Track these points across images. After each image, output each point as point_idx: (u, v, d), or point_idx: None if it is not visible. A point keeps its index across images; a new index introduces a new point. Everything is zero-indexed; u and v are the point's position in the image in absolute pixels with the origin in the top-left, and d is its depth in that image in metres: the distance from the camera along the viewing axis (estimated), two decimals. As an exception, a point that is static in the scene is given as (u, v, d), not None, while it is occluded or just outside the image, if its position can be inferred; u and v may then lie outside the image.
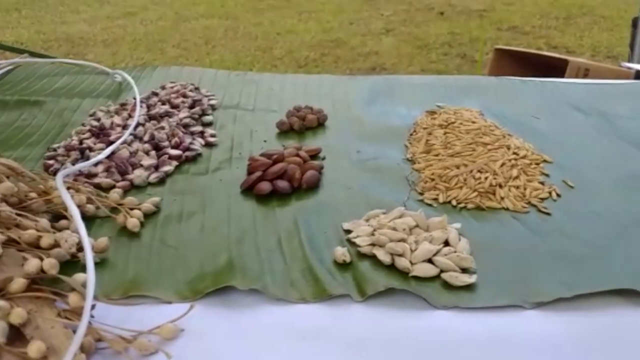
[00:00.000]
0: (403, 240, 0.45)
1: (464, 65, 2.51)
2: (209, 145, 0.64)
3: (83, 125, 0.67)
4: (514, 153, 0.58)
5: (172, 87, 0.76)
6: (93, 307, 0.37)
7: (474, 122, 0.63)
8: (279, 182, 0.55)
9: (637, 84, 0.87)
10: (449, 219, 0.48)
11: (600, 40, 2.74)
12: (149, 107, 0.70)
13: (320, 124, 0.70)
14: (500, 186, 0.53)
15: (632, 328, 0.38)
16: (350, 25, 3.15)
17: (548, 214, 0.51)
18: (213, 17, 3.37)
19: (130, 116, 0.67)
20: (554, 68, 1.43)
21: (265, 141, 0.66)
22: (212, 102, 0.74)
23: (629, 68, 1.32)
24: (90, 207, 0.51)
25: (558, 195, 0.53)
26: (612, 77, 1.21)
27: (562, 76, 1.41)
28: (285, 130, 0.68)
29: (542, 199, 0.53)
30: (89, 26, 3.22)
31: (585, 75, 1.42)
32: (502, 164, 0.55)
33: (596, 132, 0.67)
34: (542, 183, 0.55)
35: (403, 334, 0.38)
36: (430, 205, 0.52)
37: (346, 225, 0.49)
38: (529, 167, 0.56)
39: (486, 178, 0.54)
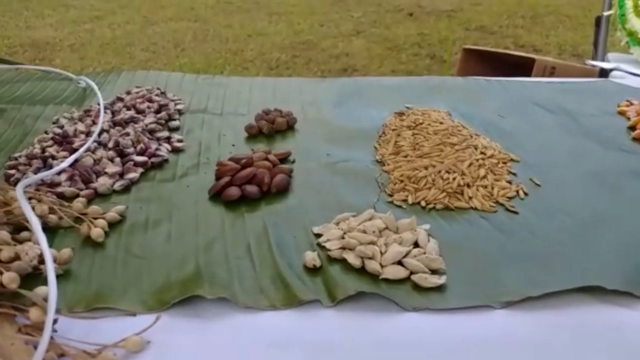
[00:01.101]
0: (373, 242, 0.45)
1: (433, 65, 2.53)
2: (175, 150, 0.63)
3: (46, 133, 0.66)
4: (482, 153, 0.58)
5: (137, 92, 0.75)
6: (55, 321, 0.36)
7: (441, 123, 0.64)
8: (247, 187, 0.54)
9: (600, 81, 0.89)
10: (418, 220, 0.48)
11: (566, 39, 2.79)
12: (113, 113, 0.69)
13: (289, 127, 0.69)
14: (468, 186, 0.53)
15: (599, 324, 0.39)
16: (320, 27, 3.15)
17: (516, 212, 0.51)
18: (182, 20, 3.33)
19: (94, 123, 0.66)
20: (521, 67, 1.45)
21: (233, 145, 0.65)
22: (179, 106, 0.73)
23: (594, 66, 1.34)
24: (52, 218, 0.49)
25: (525, 194, 0.54)
26: (577, 75, 1.23)
27: (529, 74, 1.43)
28: (254, 134, 0.67)
29: (510, 198, 0.53)
30: (55, 31, 3.16)
31: (551, 74, 1.44)
32: (470, 164, 0.56)
33: (562, 130, 0.68)
34: (509, 182, 0.55)
35: (374, 338, 0.38)
36: (399, 206, 0.52)
37: (316, 229, 0.48)
38: (496, 167, 0.57)
39: (454, 178, 0.54)
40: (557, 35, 2.85)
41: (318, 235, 0.48)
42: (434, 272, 0.43)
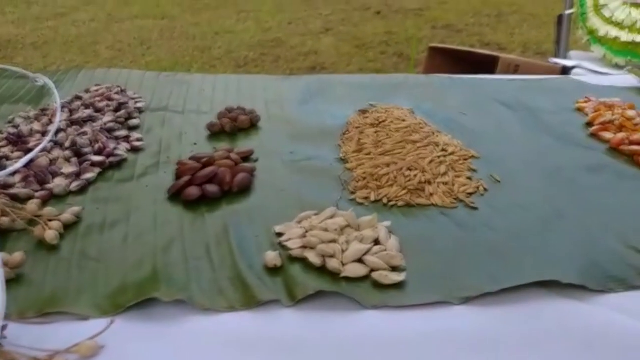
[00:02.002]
0: (334, 241, 0.45)
1: (400, 64, 2.54)
2: (134, 150, 0.62)
3: (0, 132, 0.64)
4: (443, 150, 0.58)
5: (96, 90, 0.73)
6: (4, 327, 0.35)
7: (404, 120, 0.64)
8: (208, 187, 0.53)
9: (561, 79, 0.90)
10: (380, 218, 0.48)
11: (530, 37, 2.83)
12: (71, 111, 0.67)
13: (252, 125, 0.69)
14: (429, 183, 0.53)
15: (555, 318, 0.39)
16: (289, 24, 3.14)
17: (475, 208, 0.52)
18: (148, 17, 3.28)
19: (51, 122, 0.64)
20: (487, 64, 1.47)
21: (195, 144, 0.64)
22: (139, 104, 0.72)
23: (556, 63, 1.37)
24: (5, 220, 0.48)
25: (485, 190, 0.54)
26: (541, 73, 1.25)
27: (495, 72, 1.44)
28: (217, 132, 0.67)
29: (470, 194, 0.53)
30: (17, 28, 3.07)
31: (515, 71, 1.46)
32: (431, 161, 0.56)
33: (522, 126, 0.69)
34: (469, 178, 0.55)
35: (334, 337, 0.38)
36: (362, 204, 0.52)
37: (278, 228, 0.48)
38: (457, 163, 0.57)
39: (415, 175, 0.54)
40: (522, 34, 2.90)
41: (280, 235, 0.47)
42: (394, 269, 0.43)
